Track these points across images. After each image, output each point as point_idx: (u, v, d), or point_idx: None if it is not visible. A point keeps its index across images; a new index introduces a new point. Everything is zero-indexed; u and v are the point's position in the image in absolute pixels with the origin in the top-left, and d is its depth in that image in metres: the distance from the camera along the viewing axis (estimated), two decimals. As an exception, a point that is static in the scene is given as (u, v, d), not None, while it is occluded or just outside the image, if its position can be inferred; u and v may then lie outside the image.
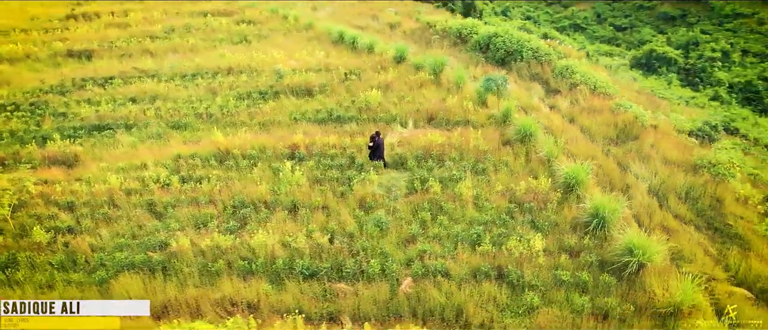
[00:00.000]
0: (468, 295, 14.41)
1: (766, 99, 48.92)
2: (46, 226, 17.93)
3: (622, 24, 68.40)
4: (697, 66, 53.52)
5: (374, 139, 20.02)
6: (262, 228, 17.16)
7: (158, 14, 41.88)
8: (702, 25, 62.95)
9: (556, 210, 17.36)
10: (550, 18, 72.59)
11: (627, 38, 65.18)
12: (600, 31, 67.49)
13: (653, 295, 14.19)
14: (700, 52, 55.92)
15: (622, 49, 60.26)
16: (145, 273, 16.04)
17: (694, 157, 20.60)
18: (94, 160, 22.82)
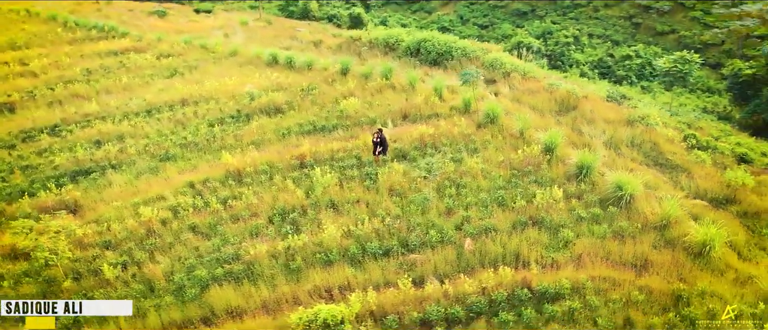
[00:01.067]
0: (517, 241, 17.93)
1: (617, 72, 58.66)
2: (103, 264, 18.43)
3: (483, 22, 76.61)
4: (557, 51, 62.28)
5: (379, 135, 22.83)
6: (318, 226, 19.29)
7: (64, 58, 40.35)
8: (550, 16, 72.85)
9: (548, 168, 21.55)
10: (419, 24, 78.96)
11: (491, 34, 73.20)
12: (466, 31, 74.94)
13: (647, 215, 18.78)
14: (555, 39, 64.99)
15: (490, 44, 67.91)
16: (230, 282, 17.49)
17: (626, 115, 26.15)
18: (96, 202, 22.94)
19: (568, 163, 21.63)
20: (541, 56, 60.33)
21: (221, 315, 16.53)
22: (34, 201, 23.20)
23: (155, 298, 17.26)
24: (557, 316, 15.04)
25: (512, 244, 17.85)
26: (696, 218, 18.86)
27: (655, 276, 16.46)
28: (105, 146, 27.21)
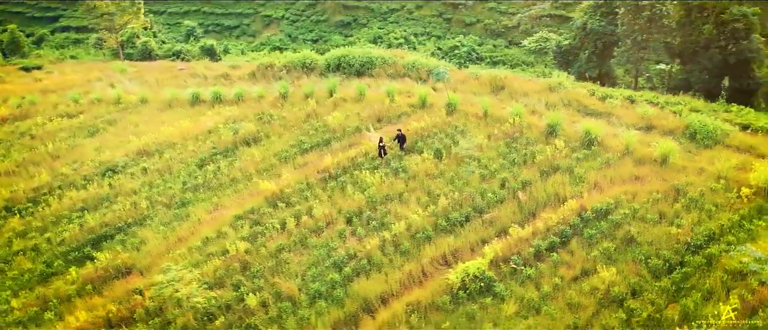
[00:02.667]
0: (552, 185, 23.66)
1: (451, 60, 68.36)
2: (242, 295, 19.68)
3: (313, 37, 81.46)
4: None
5: (401, 135, 26.77)
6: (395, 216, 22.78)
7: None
8: (373, 23, 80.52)
9: (529, 132, 27.75)
10: (250, 47, 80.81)
11: (322, 47, 78.39)
12: (300, 47, 79.09)
13: (615, 147, 25.99)
14: (387, 42, 72.61)
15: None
16: (362, 277, 20.28)
17: (545, 85, 33.67)
18: (153, 257, 23.02)
19: (541, 125, 28.07)
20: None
21: (375, 301, 19.33)
22: (82, 274, 22.38)
23: (306, 309, 19.24)
24: (619, 222, 21.08)
25: (548, 188, 23.53)
26: (643, 142, 26.61)
27: (650, 182, 23.53)
28: (112, 207, 26.36)
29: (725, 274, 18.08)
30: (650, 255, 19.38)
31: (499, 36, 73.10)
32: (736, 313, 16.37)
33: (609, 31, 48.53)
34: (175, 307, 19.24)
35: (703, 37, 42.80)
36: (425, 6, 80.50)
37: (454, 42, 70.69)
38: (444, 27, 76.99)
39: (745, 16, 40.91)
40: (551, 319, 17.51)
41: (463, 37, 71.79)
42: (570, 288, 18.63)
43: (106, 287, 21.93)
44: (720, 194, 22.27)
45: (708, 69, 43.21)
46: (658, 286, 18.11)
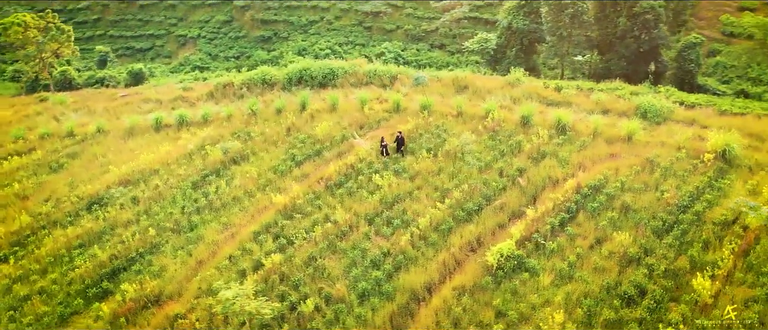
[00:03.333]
0: (544, 169, 26.30)
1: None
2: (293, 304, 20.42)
3: (233, 54, 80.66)
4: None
5: (400, 137, 28.37)
6: (414, 213, 24.39)
7: None
8: (294, 36, 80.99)
9: (507, 124, 30.37)
10: (168, 68, 78.48)
11: (245, 63, 77.74)
12: (221, 65, 77.96)
13: (585, 131, 29.21)
14: (313, 53, 73.60)
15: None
16: (402, 271, 21.69)
17: (504, 81, 36.54)
18: (179, 282, 22.98)
19: (515, 117, 30.78)
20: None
21: (421, 291, 20.82)
22: (110, 309, 21.95)
23: (360, 307, 20.35)
24: (613, 194, 24.02)
25: (542, 172, 26.17)
26: (607, 125, 30.03)
27: (625, 158, 26.83)
28: (113, 239, 25.72)
29: (714, 226, 21.42)
30: (648, 218, 22.40)
31: (420, 40, 76.30)
32: (732, 256, 19.58)
33: (533, 28, 52.75)
34: (240, 323, 19.58)
35: (618, 29, 47.99)
36: (344, 16, 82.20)
37: (380, 48, 73.02)
38: (365, 35, 79.09)
39: (654, 8, 46.45)
40: (585, 283, 19.88)
41: (388, 44, 74.29)
42: (591, 255, 21.16)
43: (140, 318, 21.69)
44: (685, 161, 25.93)
45: (625, 57, 48.47)
46: (664, 243, 21.06)
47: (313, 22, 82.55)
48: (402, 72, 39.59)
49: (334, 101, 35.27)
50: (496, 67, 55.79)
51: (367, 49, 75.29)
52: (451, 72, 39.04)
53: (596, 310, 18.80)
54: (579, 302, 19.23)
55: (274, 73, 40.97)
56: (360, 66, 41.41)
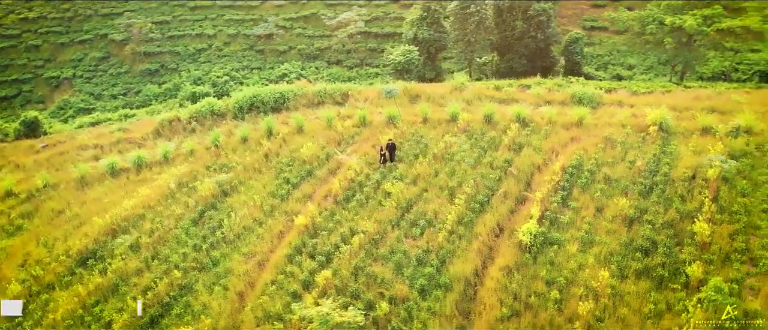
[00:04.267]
0: (526, 158, 29.96)
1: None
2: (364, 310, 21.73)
3: (120, 91, 76.40)
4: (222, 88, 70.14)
5: (391, 144, 30.36)
6: (433, 214, 26.71)
7: None
8: (184, 66, 78.36)
9: (474, 122, 33.73)
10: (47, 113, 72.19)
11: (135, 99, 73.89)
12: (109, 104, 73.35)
13: (542, 121, 33.52)
14: (212, 81, 72.24)
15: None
16: (447, 263, 23.93)
17: (451, 86, 39.90)
18: (227, 316, 23.13)
19: (478, 117, 34.26)
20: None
21: (472, 276, 23.20)
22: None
23: (427, 301, 22.24)
24: (592, 169, 28.23)
25: (525, 160, 29.81)
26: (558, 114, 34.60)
27: (585, 139, 31.37)
28: (139, 287, 24.79)
29: (682, 182, 26.35)
30: (630, 184, 26.83)
31: (315, 59, 77.98)
32: (707, 202, 24.43)
33: (437, 37, 57.28)
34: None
35: (516, 31, 53.92)
36: (233, 42, 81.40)
37: (281, 70, 73.61)
38: (260, 58, 79.08)
39: (545, 10, 52.94)
40: (605, 244, 23.58)
41: (287, 65, 75.04)
42: (598, 221, 25.00)
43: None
44: (634, 135, 31.05)
45: (525, 55, 54.56)
46: (651, 202, 25.51)
47: (202, 50, 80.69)
48: (352, 88, 41.46)
49: (300, 123, 36.27)
50: (405, 76, 59.53)
51: (265, 72, 75.47)
52: (403, 83, 41.76)
53: (624, 263, 22.51)
54: (607, 260, 22.83)
55: (221, 104, 40.67)
56: (306, 87, 42.52)
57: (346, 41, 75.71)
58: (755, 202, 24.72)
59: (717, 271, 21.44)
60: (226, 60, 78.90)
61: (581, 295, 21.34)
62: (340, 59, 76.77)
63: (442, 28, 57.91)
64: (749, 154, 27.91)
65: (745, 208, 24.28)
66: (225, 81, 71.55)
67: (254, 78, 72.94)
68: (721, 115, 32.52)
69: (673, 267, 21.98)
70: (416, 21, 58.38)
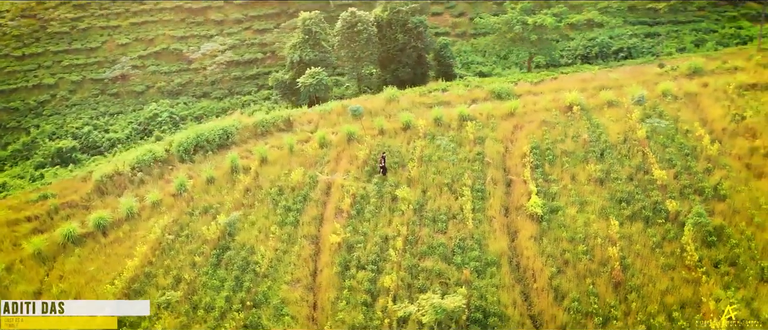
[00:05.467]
0: (493, 147, 34.89)
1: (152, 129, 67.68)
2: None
3: None
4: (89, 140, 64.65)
5: (383, 157, 33.04)
6: (448, 208, 30.30)
7: None
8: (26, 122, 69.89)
9: (427, 126, 37.87)
10: None
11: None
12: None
13: (489, 114, 38.97)
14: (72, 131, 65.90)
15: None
16: (483, 244, 27.77)
17: (384, 99, 43.29)
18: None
19: (429, 121, 38.45)
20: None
21: (508, 249, 27.34)
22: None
23: (487, 279, 25.81)
24: (553, 144, 34.13)
25: (494, 148, 34.76)
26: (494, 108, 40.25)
27: (527, 125, 37.33)
28: None
29: (622, 145, 33.38)
30: (585, 153, 33.15)
31: (179, 94, 75.06)
32: (649, 152, 31.60)
33: (322, 57, 60.22)
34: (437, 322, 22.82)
35: (399, 43, 59.16)
36: (79, 89, 74.65)
37: (150, 111, 69.61)
38: (116, 102, 73.77)
39: (422, 22, 58.91)
40: (594, 202, 29.38)
41: (155, 104, 71.17)
42: (579, 186, 30.80)
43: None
44: (562, 116, 37.81)
45: (408, 64, 60.07)
46: (612, 161, 32.00)
47: (44, 102, 72.64)
48: (293, 114, 42.69)
49: (263, 153, 36.92)
50: (293, 98, 61.58)
51: (129, 116, 70.73)
52: (342, 101, 44.04)
53: (616, 213, 28.47)
54: (603, 214, 28.60)
55: (161, 150, 39.05)
56: (244, 120, 42.66)
57: (215, 72, 74.43)
58: (674, 152, 32.48)
59: (682, 203, 28.32)
60: (77, 109, 72.22)
61: (600, 243, 26.69)
62: (207, 91, 74.99)
63: (324, 48, 60.92)
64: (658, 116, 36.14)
65: (672, 156, 31.89)
66: (88, 131, 65.76)
67: (121, 123, 68.21)
68: (612, 90, 40.84)
69: (651, 208, 28.47)
70: (299, 44, 60.47)
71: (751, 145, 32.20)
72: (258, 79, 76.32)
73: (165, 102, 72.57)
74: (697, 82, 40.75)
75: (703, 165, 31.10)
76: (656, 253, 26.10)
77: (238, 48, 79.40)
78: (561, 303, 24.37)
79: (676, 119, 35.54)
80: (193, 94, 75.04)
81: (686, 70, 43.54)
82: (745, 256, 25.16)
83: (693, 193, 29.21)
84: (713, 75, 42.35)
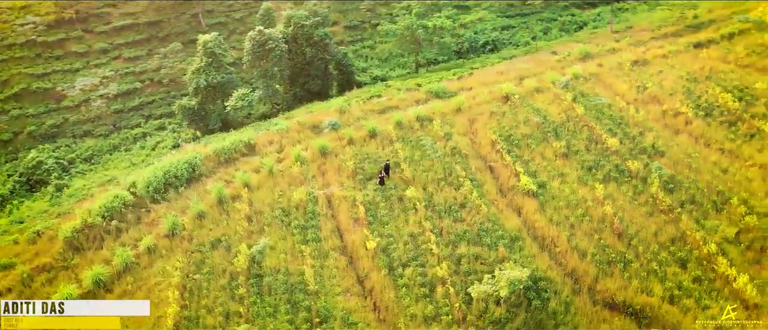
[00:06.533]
0: (457, 141, 38.88)
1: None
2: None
3: None
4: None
5: (387, 165, 35.11)
6: (454, 198, 33.59)
7: None
8: None
9: (390, 131, 40.78)
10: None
11: None
12: None
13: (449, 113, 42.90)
14: None
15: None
16: (493, 225, 31.62)
17: (338, 110, 44.84)
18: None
19: (391, 126, 41.31)
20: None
21: (523, 225, 31.50)
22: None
23: (516, 253, 29.66)
24: (511, 132, 39.03)
25: (463, 142, 38.71)
26: (443, 107, 44.18)
27: (480, 117, 41.91)
28: None
29: (566, 123, 39.34)
30: (542, 134, 38.52)
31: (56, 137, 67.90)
32: (586, 128, 37.95)
33: (228, 79, 59.66)
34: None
35: (306, 57, 60.67)
36: None
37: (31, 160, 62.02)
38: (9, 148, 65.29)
39: (326, 34, 60.98)
40: (570, 173, 34.73)
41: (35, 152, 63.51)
42: (550, 162, 35.96)
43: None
44: (505, 106, 43.00)
45: (318, 76, 61.87)
46: (566, 139, 37.67)
47: None
48: (252, 137, 42.38)
49: (245, 179, 36.84)
50: (200, 123, 60.39)
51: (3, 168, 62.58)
52: (307, 115, 44.76)
53: (594, 179, 34.06)
54: (583, 181, 34.03)
55: (128, 195, 36.66)
56: (201, 150, 41.45)
57: (93, 108, 68.81)
58: (609, 122, 39.21)
59: (635, 162, 34.73)
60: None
61: (591, 205, 32.00)
62: (89, 130, 69.10)
63: (229, 70, 60.28)
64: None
65: (610, 126, 38.52)
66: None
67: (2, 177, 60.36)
68: (532, 78, 47.09)
69: (616, 170, 34.56)
70: (203, 68, 59.04)
71: (661, 109, 40.05)
72: (142, 109, 72.69)
73: (45, 147, 65.75)
74: (593, 64, 48.64)
75: (636, 130, 38.11)
76: (636, 205, 32.06)
77: (112, 79, 74.13)
78: (584, 258, 29.04)
79: (597, 95, 42.52)
80: (73, 134, 68.84)
81: (578, 55, 51.56)
82: (699, 195, 32.06)
83: (639, 153, 35.90)
84: (600, 57, 50.73)
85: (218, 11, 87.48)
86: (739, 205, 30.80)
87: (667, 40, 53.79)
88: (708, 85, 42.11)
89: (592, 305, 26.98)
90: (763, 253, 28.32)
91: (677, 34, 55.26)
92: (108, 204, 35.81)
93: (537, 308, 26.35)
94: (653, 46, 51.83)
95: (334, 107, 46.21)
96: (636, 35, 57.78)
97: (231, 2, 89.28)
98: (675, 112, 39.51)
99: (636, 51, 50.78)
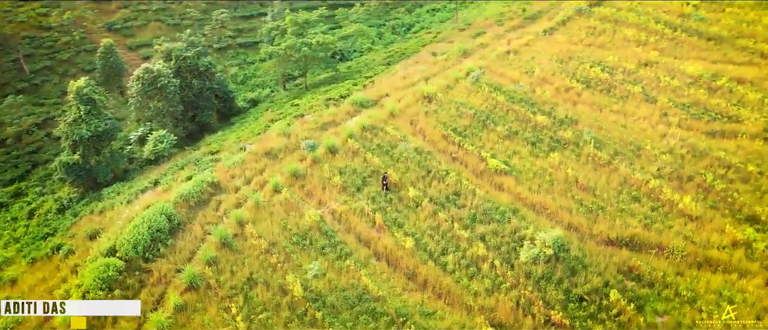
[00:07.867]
0: (414, 141, 43.38)
1: None
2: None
3: None
4: None
5: (385, 176, 37.75)
6: (456, 192, 38.03)
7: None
8: None
9: (348, 145, 43.66)
10: None
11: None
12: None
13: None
14: None
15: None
16: (487, 207, 37.09)
17: (279, 132, 45.44)
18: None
19: (342, 140, 44.09)
20: None
21: (516, 202, 37.37)
22: None
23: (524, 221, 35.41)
24: (457, 127, 44.66)
25: (418, 143, 43.24)
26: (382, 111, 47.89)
27: (421, 116, 46.78)
28: None
29: (515, 104, 46.33)
30: (495, 122, 44.84)
31: None
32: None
33: (110, 125, 55.41)
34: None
35: (194, 88, 58.99)
36: None
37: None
38: None
39: (211, 63, 59.86)
40: (540, 151, 41.56)
41: None
42: (514, 145, 42.38)
43: None
44: (430, 104, 48.43)
45: (207, 107, 60.49)
46: (498, 115, 44.48)
47: None
48: (215, 176, 41.00)
49: (238, 217, 36.49)
50: (85, 178, 55.61)
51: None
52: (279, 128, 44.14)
53: (542, 149, 41.32)
54: (535, 153, 41.08)
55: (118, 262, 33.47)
56: (165, 196, 39.10)
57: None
58: (525, 104, 47.06)
59: (565, 130, 42.88)
60: None
61: (553, 171, 39.20)
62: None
63: (108, 116, 55.80)
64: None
65: (526, 107, 46.37)
66: None
67: None
68: (438, 78, 53.15)
69: (555, 140, 42.32)
70: (82, 118, 53.72)
71: (554, 87, 49.20)
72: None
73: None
74: (476, 58, 56.62)
75: (548, 106, 46.49)
76: (582, 164, 40.07)
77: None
78: (572, 213, 35.93)
79: (500, 84, 50.23)
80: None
81: (458, 53, 59.21)
82: (619, 147, 41.29)
83: (562, 122, 44.17)
84: (476, 52, 59.06)
85: (39, 54, 78.29)
86: (652, 149, 40.57)
87: (516, 32, 64.42)
88: (574, 63, 52.57)
89: (597, 246, 33.84)
90: (690, 181, 38.09)
91: (521, 25, 66.37)
92: (101, 275, 32.81)
93: (565, 259, 32.29)
94: (512, 37, 61.78)
95: (280, 132, 46.90)
96: (488, 30, 67.70)
97: (50, 43, 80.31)
98: (566, 87, 48.90)
99: (501, 43, 60.13)
